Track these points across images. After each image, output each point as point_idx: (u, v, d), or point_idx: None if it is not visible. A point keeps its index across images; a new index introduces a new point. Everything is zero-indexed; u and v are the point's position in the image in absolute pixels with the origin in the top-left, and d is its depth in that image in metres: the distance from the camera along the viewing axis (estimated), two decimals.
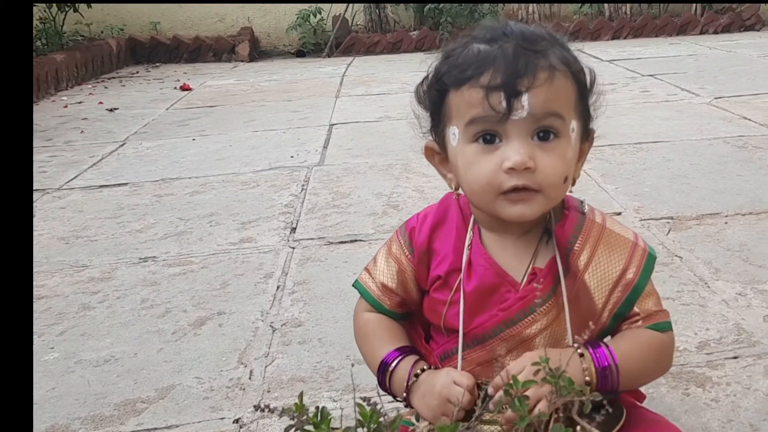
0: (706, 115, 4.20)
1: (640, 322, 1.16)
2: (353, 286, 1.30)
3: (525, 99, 1.05)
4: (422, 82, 1.20)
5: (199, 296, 2.27)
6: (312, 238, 2.66)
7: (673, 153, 3.46)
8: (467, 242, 1.18)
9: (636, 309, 1.16)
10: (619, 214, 2.71)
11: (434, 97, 1.17)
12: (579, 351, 1.10)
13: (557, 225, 1.15)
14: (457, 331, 1.16)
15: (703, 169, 3.20)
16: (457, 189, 1.20)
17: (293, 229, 2.76)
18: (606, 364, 1.10)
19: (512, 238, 1.18)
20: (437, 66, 1.17)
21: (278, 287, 2.29)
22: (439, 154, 1.20)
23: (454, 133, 1.13)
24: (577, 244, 1.14)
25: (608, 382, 1.10)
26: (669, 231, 2.54)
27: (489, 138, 1.08)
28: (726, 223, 2.59)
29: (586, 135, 1.18)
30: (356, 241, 2.62)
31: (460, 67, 1.11)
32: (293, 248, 2.58)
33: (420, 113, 1.22)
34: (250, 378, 1.81)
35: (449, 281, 1.19)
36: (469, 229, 1.20)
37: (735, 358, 1.77)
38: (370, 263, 1.29)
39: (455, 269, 1.18)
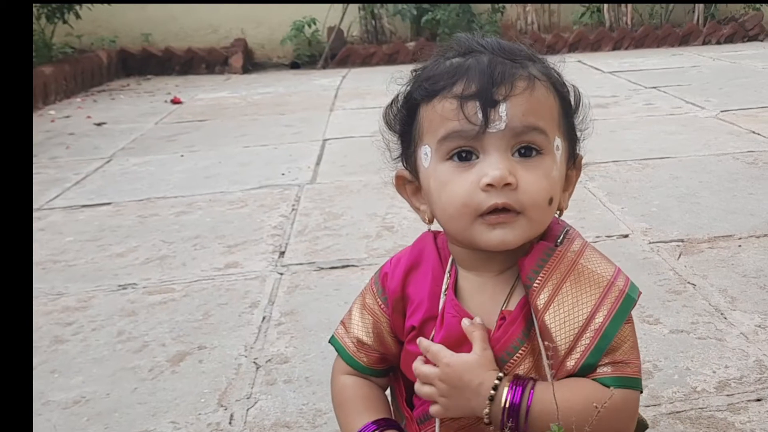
0: (713, 130, 4.06)
1: (595, 371, 1.00)
2: (329, 342, 1.17)
3: (503, 109, 0.93)
4: (391, 104, 1.08)
5: (180, 328, 2.12)
6: (301, 263, 2.51)
7: (681, 170, 3.32)
8: (444, 286, 1.05)
9: None
10: (627, 236, 2.57)
11: (403, 117, 1.06)
12: (498, 375, 0.97)
13: (521, 258, 1.01)
14: None
15: (713, 187, 3.05)
16: (431, 222, 1.07)
17: (282, 254, 2.61)
18: (516, 402, 0.96)
19: (491, 277, 1.04)
20: (408, 85, 1.05)
21: (264, 318, 2.14)
22: (411, 183, 1.08)
23: (426, 153, 1.00)
24: (537, 280, 0.99)
25: (505, 425, 0.96)
26: (680, 255, 2.39)
27: (464, 155, 0.97)
28: (740, 246, 2.44)
29: (573, 160, 1.04)
30: (348, 266, 2.47)
31: (431, 80, 1.00)
32: (281, 274, 2.43)
33: (390, 139, 1.09)
34: (230, 423, 1.67)
35: (424, 331, 1.06)
36: (447, 271, 1.06)
37: (758, 400, 1.62)
38: (346, 316, 1.16)
39: (431, 317, 1.05)
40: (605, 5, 8.56)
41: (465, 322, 1.00)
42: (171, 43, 8.21)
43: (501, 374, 0.98)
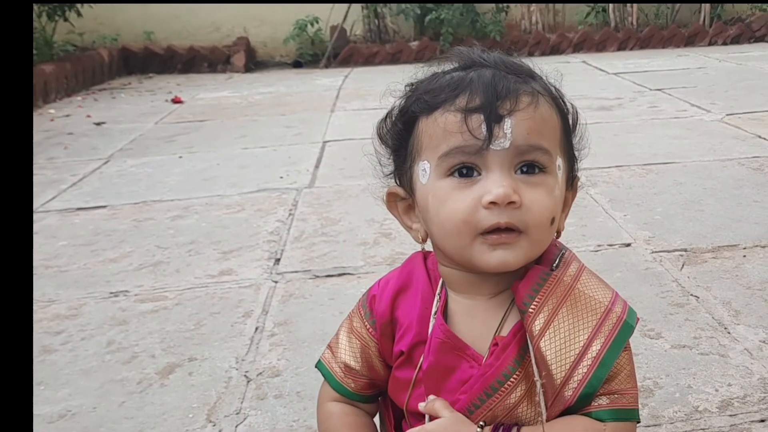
0: (719, 134, 4.00)
1: (591, 404, 0.97)
2: (316, 366, 1.13)
3: (507, 126, 0.90)
4: (385, 118, 1.03)
5: (171, 338, 2.07)
6: (297, 271, 2.46)
7: (685, 176, 3.26)
8: (434, 310, 1.01)
9: None
10: (629, 245, 2.52)
11: (399, 131, 1.01)
12: (476, 429, 0.95)
13: (515, 282, 0.97)
14: (425, 418, 1.00)
15: (718, 194, 3.00)
16: (424, 241, 1.03)
17: (277, 260, 2.56)
18: None
19: (483, 300, 1.00)
20: (403, 99, 1.01)
21: (257, 329, 2.10)
22: (403, 200, 1.03)
23: (424, 169, 0.96)
24: (532, 306, 0.95)
25: None
26: (683, 265, 2.34)
27: (466, 171, 0.93)
28: (744, 256, 2.39)
29: (570, 181, 1.01)
30: (344, 274, 2.42)
31: (431, 93, 0.96)
32: (276, 282, 2.39)
33: (382, 154, 1.05)
34: None
35: (413, 357, 1.02)
36: (437, 293, 1.02)
37: (762, 421, 1.57)
38: (333, 339, 1.12)
39: (420, 342, 1.01)
40: (610, 5, 8.50)
41: (421, 405, 1.00)
42: (173, 41, 8.17)
43: (482, 423, 0.95)
